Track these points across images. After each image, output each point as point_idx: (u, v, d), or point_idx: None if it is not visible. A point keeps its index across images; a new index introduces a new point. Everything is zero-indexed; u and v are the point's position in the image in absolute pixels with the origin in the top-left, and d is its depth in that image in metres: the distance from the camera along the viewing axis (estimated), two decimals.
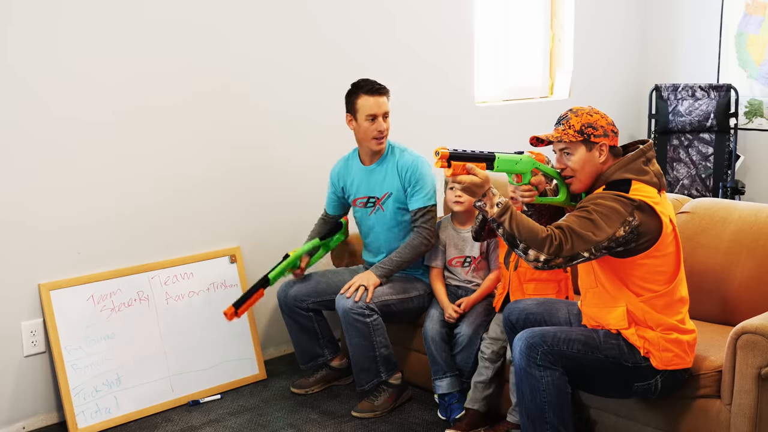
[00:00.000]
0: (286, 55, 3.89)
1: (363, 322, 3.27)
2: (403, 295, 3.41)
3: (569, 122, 2.58)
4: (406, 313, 3.45)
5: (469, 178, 2.43)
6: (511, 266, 3.15)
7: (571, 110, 2.62)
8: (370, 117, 3.36)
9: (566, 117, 2.61)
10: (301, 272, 3.56)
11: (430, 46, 4.49)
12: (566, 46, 5.27)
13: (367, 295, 3.29)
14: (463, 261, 3.41)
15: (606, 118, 2.61)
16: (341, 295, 3.32)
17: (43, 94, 3.21)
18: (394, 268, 3.39)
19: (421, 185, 3.41)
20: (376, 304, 3.30)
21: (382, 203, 3.49)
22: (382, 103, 3.37)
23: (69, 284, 3.34)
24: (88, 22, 3.29)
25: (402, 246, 3.41)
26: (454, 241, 3.43)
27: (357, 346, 3.32)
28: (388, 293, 3.36)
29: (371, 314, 3.28)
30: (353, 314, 3.26)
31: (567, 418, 2.61)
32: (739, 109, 5.32)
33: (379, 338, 3.31)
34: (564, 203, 2.70)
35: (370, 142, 3.41)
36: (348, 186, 3.58)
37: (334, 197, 3.67)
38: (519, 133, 4.97)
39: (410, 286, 3.46)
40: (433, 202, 3.43)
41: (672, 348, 2.58)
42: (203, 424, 3.35)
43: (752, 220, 3.06)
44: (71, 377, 3.28)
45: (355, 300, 3.26)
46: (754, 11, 5.24)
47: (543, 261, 2.43)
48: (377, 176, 3.49)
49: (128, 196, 3.49)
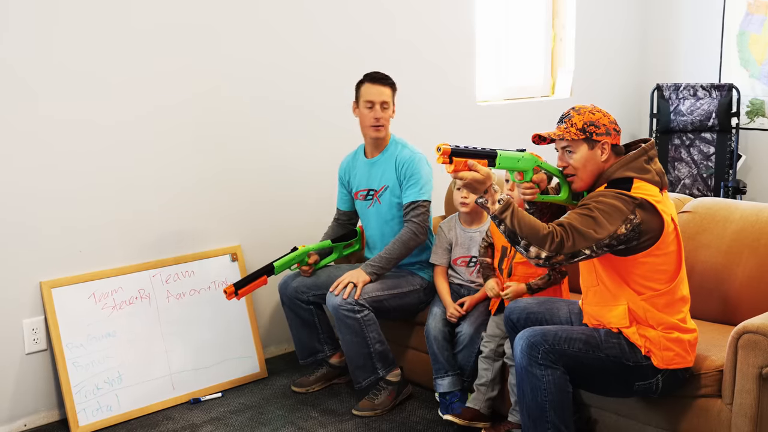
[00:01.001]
0: (285, 55, 3.89)
1: (353, 318, 3.27)
2: (396, 291, 3.41)
3: (571, 120, 2.58)
4: (401, 309, 3.44)
5: (470, 174, 2.43)
6: (505, 272, 3.16)
7: (573, 108, 2.62)
8: (369, 104, 3.41)
9: (568, 115, 2.61)
10: (310, 270, 3.55)
11: (431, 45, 4.49)
12: (567, 46, 5.27)
13: (356, 291, 3.28)
14: (469, 261, 3.41)
15: (608, 116, 2.61)
16: (330, 292, 3.33)
17: (42, 94, 3.22)
18: (385, 264, 3.38)
19: (416, 180, 3.42)
20: (367, 300, 3.30)
21: (379, 196, 3.51)
22: (381, 92, 3.40)
23: (70, 282, 3.34)
24: (89, 23, 3.29)
25: (391, 242, 3.42)
26: (461, 240, 3.43)
27: (350, 342, 3.32)
28: (378, 289, 3.36)
29: (361, 310, 3.28)
30: (343, 310, 3.27)
31: (568, 417, 2.61)
32: (741, 109, 5.32)
33: (371, 334, 3.31)
34: (565, 201, 2.70)
35: (369, 129, 3.45)
36: (352, 179, 3.62)
37: (343, 191, 3.68)
38: (520, 132, 4.97)
39: (403, 282, 3.45)
40: (425, 197, 3.43)
41: (673, 347, 2.58)
42: (204, 422, 3.35)
43: (754, 219, 3.06)
44: (72, 375, 3.28)
45: (344, 297, 3.26)
46: (756, 10, 5.24)
47: (544, 258, 2.44)
48: (377, 169, 3.52)
49: (129, 195, 3.49)
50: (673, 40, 5.66)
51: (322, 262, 3.61)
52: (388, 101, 3.43)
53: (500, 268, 3.20)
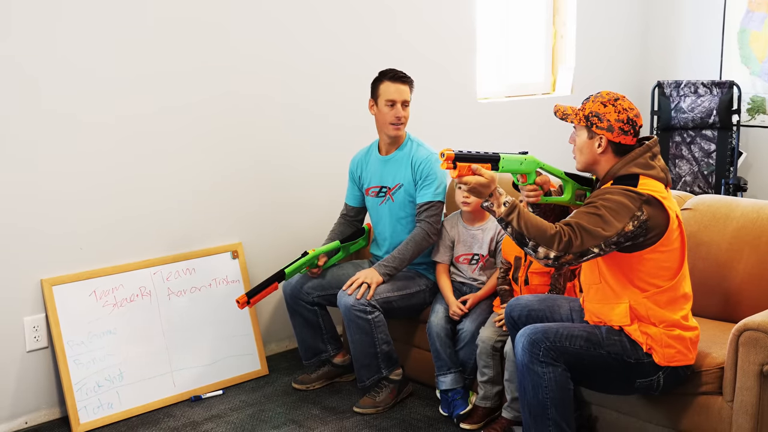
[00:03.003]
0: (289, 54, 3.89)
1: (365, 319, 3.27)
2: (405, 291, 3.42)
3: (584, 105, 2.63)
4: (407, 308, 3.45)
5: (474, 179, 2.43)
6: (521, 281, 3.16)
7: (598, 93, 2.65)
8: (390, 102, 3.40)
9: (588, 98, 2.65)
10: (318, 271, 3.55)
11: (432, 42, 4.48)
12: (568, 43, 5.26)
13: (369, 292, 3.29)
14: (471, 258, 3.41)
15: (622, 113, 2.57)
16: (343, 291, 3.33)
17: (44, 90, 3.21)
18: (398, 265, 3.39)
19: (432, 180, 3.42)
20: (378, 301, 3.31)
21: (393, 194, 3.50)
22: (402, 91, 3.41)
23: (71, 280, 3.34)
24: (93, 21, 3.29)
25: (404, 242, 3.41)
26: (463, 237, 3.43)
27: (358, 342, 3.33)
28: (390, 290, 3.36)
29: (373, 311, 3.28)
30: (355, 311, 3.27)
31: (569, 414, 2.62)
32: (742, 106, 5.31)
33: (380, 335, 3.32)
34: (569, 203, 2.70)
35: (388, 127, 3.44)
36: (363, 175, 3.61)
37: (353, 187, 3.67)
38: (521, 129, 4.99)
39: (412, 282, 3.46)
40: (440, 198, 3.44)
41: (674, 344, 2.58)
42: (205, 419, 3.36)
43: (754, 217, 3.06)
44: (73, 372, 3.28)
45: (357, 297, 3.27)
46: (757, 8, 5.23)
47: (553, 258, 2.44)
48: (391, 167, 3.52)
49: (130, 193, 3.49)
50: (674, 37, 5.65)
51: (330, 261, 3.60)
52: (408, 100, 3.44)
53: (515, 278, 3.20)
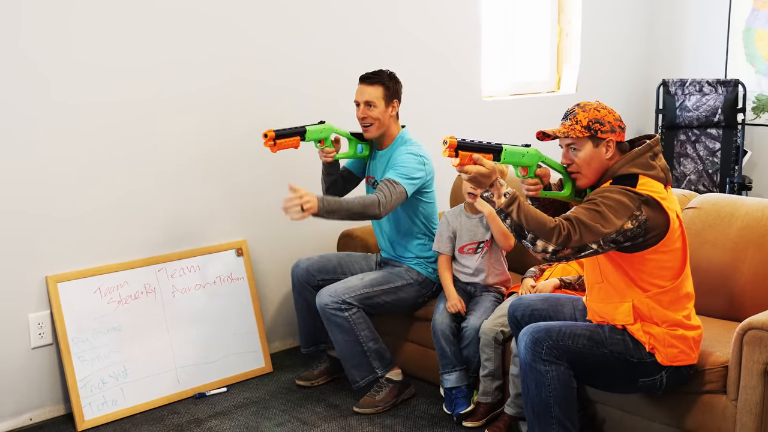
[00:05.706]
0: (293, 45, 3.89)
1: (341, 317, 3.27)
2: (386, 286, 3.40)
3: (576, 117, 2.57)
4: (395, 303, 3.43)
5: (475, 168, 2.42)
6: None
7: (578, 105, 2.61)
8: (356, 103, 3.44)
9: (573, 112, 2.60)
10: (331, 154, 3.46)
11: (437, 40, 4.48)
12: (573, 41, 5.26)
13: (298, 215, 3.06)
14: (476, 247, 3.40)
15: (613, 113, 2.60)
16: (321, 291, 3.33)
17: (53, 86, 3.22)
18: (336, 208, 3.16)
19: (400, 167, 3.35)
20: (354, 298, 3.30)
21: None
22: (365, 91, 3.40)
23: (76, 276, 3.35)
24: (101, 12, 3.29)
25: (355, 196, 3.29)
26: (467, 226, 3.41)
27: (341, 341, 3.32)
28: (366, 286, 3.35)
29: (348, 308, 3.28)
30: (329, 310, 3.27)
31: (572, 412, 2.62)
32: (747, 105, 5.30)
33: (363, 332, 3.31)
34: (568, 198, 2.70)
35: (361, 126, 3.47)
36: (369, 162, 3.63)
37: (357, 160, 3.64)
38: (525, 127, 4.96)
39: (395, 277, 3.44)
40: (403, 183, 3.31)
41: (677, 344, 2.58)
42: (209, 416, 3.36)
43: (759, 215, 3.05)
44: (78, 369, 3.29)
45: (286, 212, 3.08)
46: (763, 6, 5.22)
47: (551, 252, 2.43)
48: (380, 162, 3.53)
49: (135, 190, 3.50)
50: (679, 35, 5.64)
51: (339, 155, 3.51)
52: (372, 100, 3.39)
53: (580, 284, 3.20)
